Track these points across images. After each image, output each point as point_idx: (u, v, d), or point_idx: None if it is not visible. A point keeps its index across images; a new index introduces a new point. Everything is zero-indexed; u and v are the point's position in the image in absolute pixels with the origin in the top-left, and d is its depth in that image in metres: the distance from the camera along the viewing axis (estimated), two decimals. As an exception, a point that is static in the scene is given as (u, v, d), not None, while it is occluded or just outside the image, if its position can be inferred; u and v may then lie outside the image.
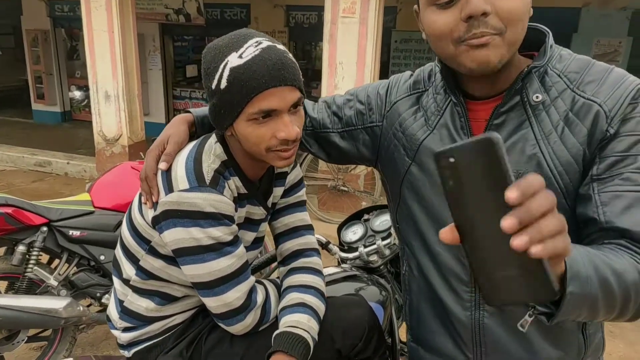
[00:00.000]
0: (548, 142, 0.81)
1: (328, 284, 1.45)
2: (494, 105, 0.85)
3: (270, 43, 0.94)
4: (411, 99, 0.99)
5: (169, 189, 0.94)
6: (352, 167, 4.78)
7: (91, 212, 2.47)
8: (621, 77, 0.81)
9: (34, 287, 2.37)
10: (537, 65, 0.82)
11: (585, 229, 0.80)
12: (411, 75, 1.03)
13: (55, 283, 2.33)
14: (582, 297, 0.65)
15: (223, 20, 8.74)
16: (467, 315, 0.92)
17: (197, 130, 1.09)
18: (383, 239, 1.65)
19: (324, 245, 1.69)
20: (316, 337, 1.05)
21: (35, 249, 2.32)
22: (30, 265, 2.32)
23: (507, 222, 0.47)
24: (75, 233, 2.39)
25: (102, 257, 2.46)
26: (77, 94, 10.02)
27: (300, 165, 5.33)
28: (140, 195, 1.02)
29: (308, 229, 1.23)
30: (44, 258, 2.47)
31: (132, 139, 6.05)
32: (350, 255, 1.67)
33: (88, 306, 2.49)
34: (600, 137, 0.78)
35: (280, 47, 0.96)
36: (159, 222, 0.96)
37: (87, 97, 7.89)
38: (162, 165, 0.96)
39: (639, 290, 0.72)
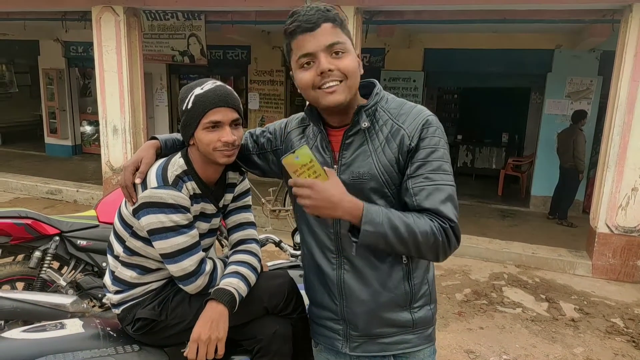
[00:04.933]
0: (376, 154, 1.25)
1: (277, 269, 1.90)
2: (344, 130, 1.29)
3: (221, 83, 1.44)
4: (299, 129, 1.42)
5: (144, 187, 1.40)
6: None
7: (96, 226, 2.94)
8: (419, 111, 1.26)
9: (46, 287, 2.81)
10: (364, 105, 1.26)
11: (406, 207, 1.24)
12: (302, 115, 1.48)
13: (64, 284, 2.77)
14: (375, 233, 1.15)
15: (225, 61, 9.41)
16: (334, 273, 1.34)
17: (162, 150, 1.54)
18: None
19: (277, 244, 2.14)
20: (243, 295, 1.48)
21: (49, 255, 2.78)
22: (44, 269, 2.77)
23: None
24: (83, 243, 2.85)
25: (104, 264, 2.90)
26: (87, 129, 10.68)
27: (287, 191, 5.79)
28: None
29: (250, 225, 1.67)
30: (55, 265, 2.92)
31: (137, 169, 6.56)
32: (298, 252, 2.10)
33: (92, 306, 2.91)
34: (406, 149, 1.23)
35: (228, 87, 1.45)
36: (137, 212, 1.41)
37: (97, 131, 8.46)
38: (137, 180, 1.42)
39: (429, 237, 1.17)
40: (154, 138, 1.55)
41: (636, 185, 4.72)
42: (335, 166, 1.29)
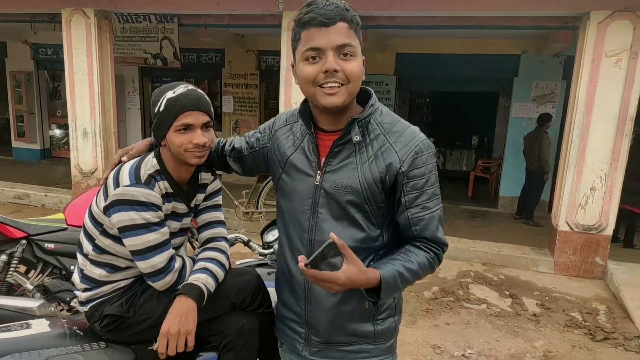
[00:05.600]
0: (362, 168, 1.25)
1: (246, 267, 1.95)
2: (334, 138, 1.28)
3: (193, 87, 1.50)
4: (286, 127, 1.42)
5: (117, 185, 1.44)
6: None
7: (65, 229, 2.93)
8: (412, 134, 1.27)
9: (12, 291, 2.79)
10: (358, 117, 1.25)
11: (404, 233, 1.32)
12: (290, 112, 1.47)
13: (31, 287, 2.75)
14: (391, 294, 1.27)
15: (199, 64, 9.38)
16: (302, 278, 1.35)
17: (153, 146, 1.60)
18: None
19: (246, 243, 2.20)
20: (212, 290, 1.52)
21: (15, 258, 2.76)
22: (10, 273, 2.75)
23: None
24: (50, 246, 2.84)
25: (72, 268, 2.89)
26: (57, 132, 10.47)
27: (260, 193, 5.83)
28: (99, 192, 1.52)
29: (220, 223, 1.72)
30: (22, 268, 2.89)
31: (108, 173, 6.50)
32: (267, 252, 2.16)
33: (60, 310, 2.89)
34: (395, 172, 1.24)
35: (199, 90, 1.50)
36: (108, 209, 1.45)
37: (67, 135, 8.31)
38: (125, 158, 1.52)
39: (428, 270, 1.31)
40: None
41: (594, 185, 4.94)
42: (319, 171, 1.30)
